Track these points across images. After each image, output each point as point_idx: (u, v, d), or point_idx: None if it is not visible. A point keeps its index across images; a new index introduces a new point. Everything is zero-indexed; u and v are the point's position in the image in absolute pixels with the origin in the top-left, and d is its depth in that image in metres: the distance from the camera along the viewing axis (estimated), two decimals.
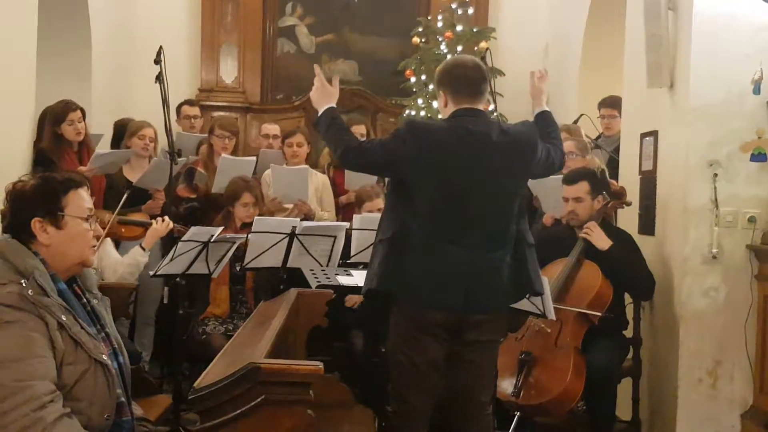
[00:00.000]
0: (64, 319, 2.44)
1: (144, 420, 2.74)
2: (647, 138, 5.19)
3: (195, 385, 2.30)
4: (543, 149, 3.65)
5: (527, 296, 3.78)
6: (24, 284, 2.43)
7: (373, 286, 3.49)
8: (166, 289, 5.45)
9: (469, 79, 3.53)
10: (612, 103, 6.35)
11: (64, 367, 2.41)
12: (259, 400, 2.23)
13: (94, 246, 2.64)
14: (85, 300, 2.64)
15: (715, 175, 4.64)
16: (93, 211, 2.67)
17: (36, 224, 2.56)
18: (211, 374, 2.35)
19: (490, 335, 3.58)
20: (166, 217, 4.88)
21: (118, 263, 4.76)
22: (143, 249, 4.83)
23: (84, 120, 5.67)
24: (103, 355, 2.51)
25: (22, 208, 2.58)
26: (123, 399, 2.56)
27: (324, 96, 3.69)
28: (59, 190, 2.60)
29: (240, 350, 2.65)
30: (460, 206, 3.42)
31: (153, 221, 4.88)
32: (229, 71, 8.54)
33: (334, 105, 3.67)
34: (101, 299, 2.72)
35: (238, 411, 2.23)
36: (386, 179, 4.86)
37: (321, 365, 2.28)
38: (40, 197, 2.58)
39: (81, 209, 2.63)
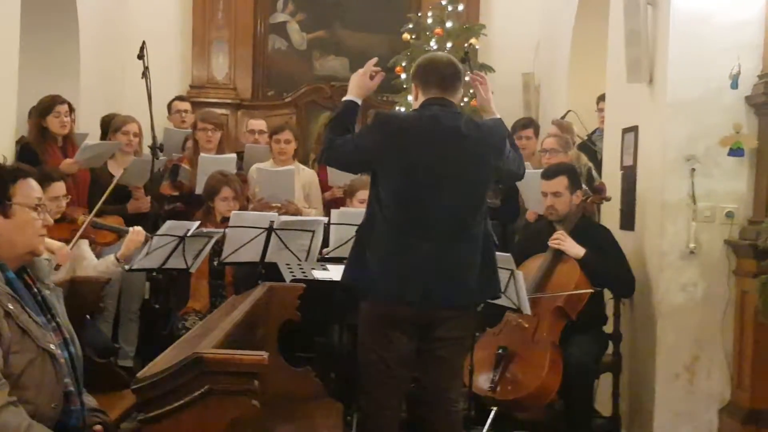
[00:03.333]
0: (11, 307, 2.44)
1: (98, 411, 2.73)
2: (628, 133, 5.19)
3: (138, 375, 2.30)
4: (510, 148, 3.66)
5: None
6: None
7: (342, 282, 3.55)
8: (147, 284, 5.48)
9: (440, 72, 3.53)
10: None
11: (10, 356, 2.41)
12: (203, 390, 2.22)
13: (43, 235, 2.64)
14: (35, 290, 2.64)
15: (693, 170, 4.64)
16: (42, 200, 2.66)
17: None
18: (158, 365, 2.35)
19: (459, 331, 3.56)
20: (140, 228, 4.76)
21: (90, 267, 4.68)
22: (118, 260, 4.63)
23: (71, 116, 5.68)
24: (51, 345, 2.50)
25: None
26: (72, 388, 2.55)
27: (355, 86, 3.66)
28: (7, 179, 2.60)
29: (193, 342, 2.66)
30: (427, 196, 3.41)
31: (130, 229, 4.74)
32: (220, 68, 8.55)
33: (359, 101, 3.63)
34: (53, 289, 2.72)
35: (182, 401, 2.23)
36: None
37: (265, 355, 2.27)
38: None
39: (29, 198, 2.62)
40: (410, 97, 4.02)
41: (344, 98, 3.67)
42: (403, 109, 7.56)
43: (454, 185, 3.44)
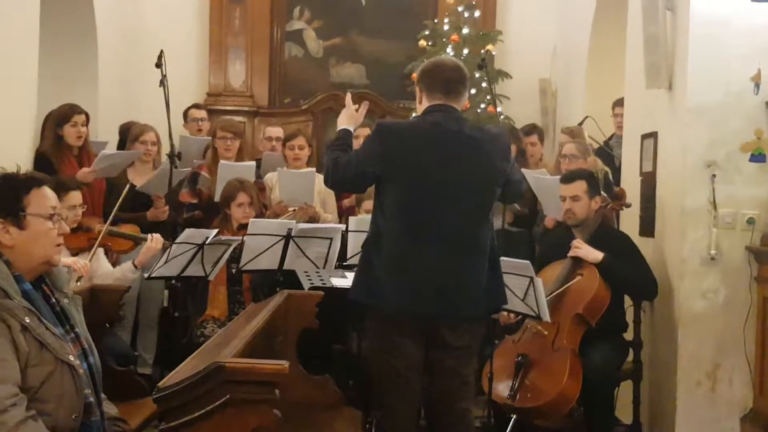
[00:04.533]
0: (28, 320, 2.41)
1: (119, 420, 2.72)
2: (647, 139, 5.16)
3: (159, 384, 2.29)
4: (513, 160, 3.64)
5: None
6: None
7: (349, 297, 3.52)
8: (165, 291, 5.47)
9: (445, 78, 3.50)
10: None
11: (29, 369, 2.39)
12: (223, 399, 2.22)
13: (59, 245, 2.61)
14: (54, 300, 2.62)
15: (714, 176, 4.61)
16: (58, 209, 2.63)
17: None
18: (180, 374, 2.35)
19: (468, 341, 3.53)
20: (158, 235, 4.78)
21: (107, 275, 4.69)
22: (135, 266, 4.67)
23: (87, 125, 5.68)
24: (70, 356, 2.48)
25: None
26: (92, 399, 2.53)
27: (345, 118, 3.73)
28: (20, 189, 2.56)
29: (213, 350, 2.65)
30: (431, 202, 3.38)
31: (148, 236, 4.78)
32: (237, 75, 8.57)
33: (351, 129, 3.69)
34: (72, 298, 2.69)
35: (203, 411, 2.22)
36: None
37: (286, 364, 2.26)
38: (0, 197, 2.55)
39: (44, 208, 2.59)
40: None
41: (338, 129, 3.71)
42: None
43: (459, 190, 3.41)
